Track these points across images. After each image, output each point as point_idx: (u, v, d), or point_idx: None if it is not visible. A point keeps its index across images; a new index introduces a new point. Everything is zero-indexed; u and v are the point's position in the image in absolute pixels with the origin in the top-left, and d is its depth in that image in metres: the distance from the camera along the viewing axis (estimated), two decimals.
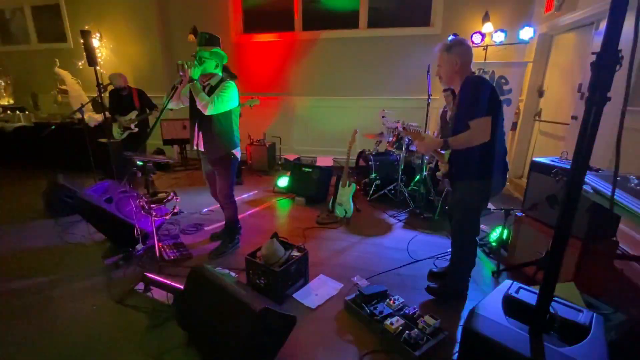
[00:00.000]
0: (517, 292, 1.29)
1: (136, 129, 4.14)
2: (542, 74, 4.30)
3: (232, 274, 2.41)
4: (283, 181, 4.32)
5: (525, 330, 1.08)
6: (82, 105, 3.61)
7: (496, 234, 2.82)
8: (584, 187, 1.80)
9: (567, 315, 1.17)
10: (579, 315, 1.17)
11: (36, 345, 1.84)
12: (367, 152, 4.30)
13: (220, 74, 2.58)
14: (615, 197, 1.31)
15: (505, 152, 2.02)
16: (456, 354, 1.66)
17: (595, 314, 1.18)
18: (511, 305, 1.23)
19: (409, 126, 2.10)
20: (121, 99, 4.14)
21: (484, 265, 2.64)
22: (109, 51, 6.10)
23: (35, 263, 2.66)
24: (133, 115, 4.14)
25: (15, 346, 1.84)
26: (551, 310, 1.16)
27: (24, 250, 2.86)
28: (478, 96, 1.81)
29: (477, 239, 2.13)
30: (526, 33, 4.02)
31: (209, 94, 2.43)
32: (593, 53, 0.81)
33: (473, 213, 2.05)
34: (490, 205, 3.64)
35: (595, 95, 0.80)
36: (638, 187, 1.44)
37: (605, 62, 0.78)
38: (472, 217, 2.06)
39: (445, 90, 3.81)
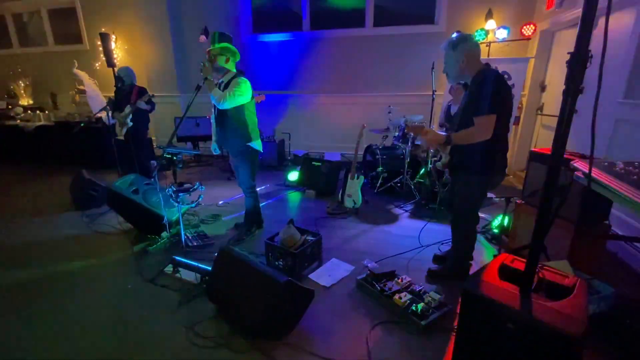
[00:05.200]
0: (511, 262, 1.47)
1: (130, 123, 4.03)
2: (544, 70, 4.44)
3: (252, 257, 2.62)
4: (293, 175, 4.51)
5: (517, 290, 1.26)
6: (107, 104, 3.83)
7: (497, 221, 2.99)
8: (576, 173, 1.98)
9: (554, 279, 1.35)
10: (565, 279, 1.35)
11: (83, 318, 2.07)
12: (374, 147, 4.47)
13: (233, 69, 2.72)
14: (597, 177, 1.48)
15: (507, 149, 2.08)
16: None
17: (579, 278, 1.36)
18: (506, 272, 1.40)
19: (411, 122, 2.13)
20: (121, 95, 4.05)
21: (486, 251, 2.81)
22: (124, 52, 6.33)
23: (71, 250, 2.90)
24: (127, 109, 4.00)
25: (62, 319, 2.06)
26: (540, 275, 1.34)
27: (58, 240, 3.10)
28: (487, 92, 1.81)
29: (475, 227, 2.26)
30: (528, 30, 4.16)
31: (223, 90, 2.61)
32: (568, 53, 0.99)
33: (471, 206, 2.17)
34: (491, 195, 3.80)
35: (570, 88, 0.98)
36: (622, 171, 1.60)
37: (578, 60, 0.95)
38: (471, 209, 2.19)
39: (459, 84, 3.95)
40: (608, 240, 2.31)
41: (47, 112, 6.36)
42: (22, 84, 6.94)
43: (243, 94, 2.62)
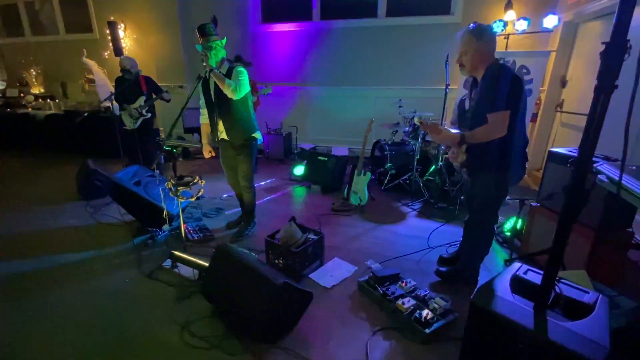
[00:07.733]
0: (525, 273, 1.35)
1: (149, 114, 4.07)
2: (565, 64, 4.19)
3: (253, 254, 2.55)
4: (299, 169, 4.43)
5: (531, 307, 1.15)
6: (112, 94, 3.79)
7: (510, 224, 2.84)
8: (599, 176, 1.82)
9: (572, 295, 1.23)
10: (585, 295, 1.23)
11: (77, 311, 2.04)
12: (382, 142, 4.33)
13: (227, 62, 2.65)
14: (626, 184, 1.34)
15: (526, 143, 1.99)
16: None
17: (600, 295, 1.23)
18: (519, 284, 1.29)
19: (425, 120, 2.04)
20: (127, 86, 3.95)
21: (497, 254, 2.68)
22: (133, 41, 6.29)
23: (72, 241, 2.88)
24: (142, 101, 3.98)
25: (59, 312, 2.04)
26: (557, 289, 1.22)
27: (60, 230, 3.09)
28: (499, 88, 1.75)
29: (494, 228, 2.15)
30: (550, 21, 3.92)
31: None
32: (603, 43, 0.86)
33: (492, 205, 2.06)
34: None
35: (604, 83, 0.85)
36: None
37: (614, 52, 0.82)
38: (491, 209, 2.07)
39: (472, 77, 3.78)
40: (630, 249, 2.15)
41: (57, 100, 6.39)
42: (34, 73, 7.00)
43: (247, 81, 2.60)
